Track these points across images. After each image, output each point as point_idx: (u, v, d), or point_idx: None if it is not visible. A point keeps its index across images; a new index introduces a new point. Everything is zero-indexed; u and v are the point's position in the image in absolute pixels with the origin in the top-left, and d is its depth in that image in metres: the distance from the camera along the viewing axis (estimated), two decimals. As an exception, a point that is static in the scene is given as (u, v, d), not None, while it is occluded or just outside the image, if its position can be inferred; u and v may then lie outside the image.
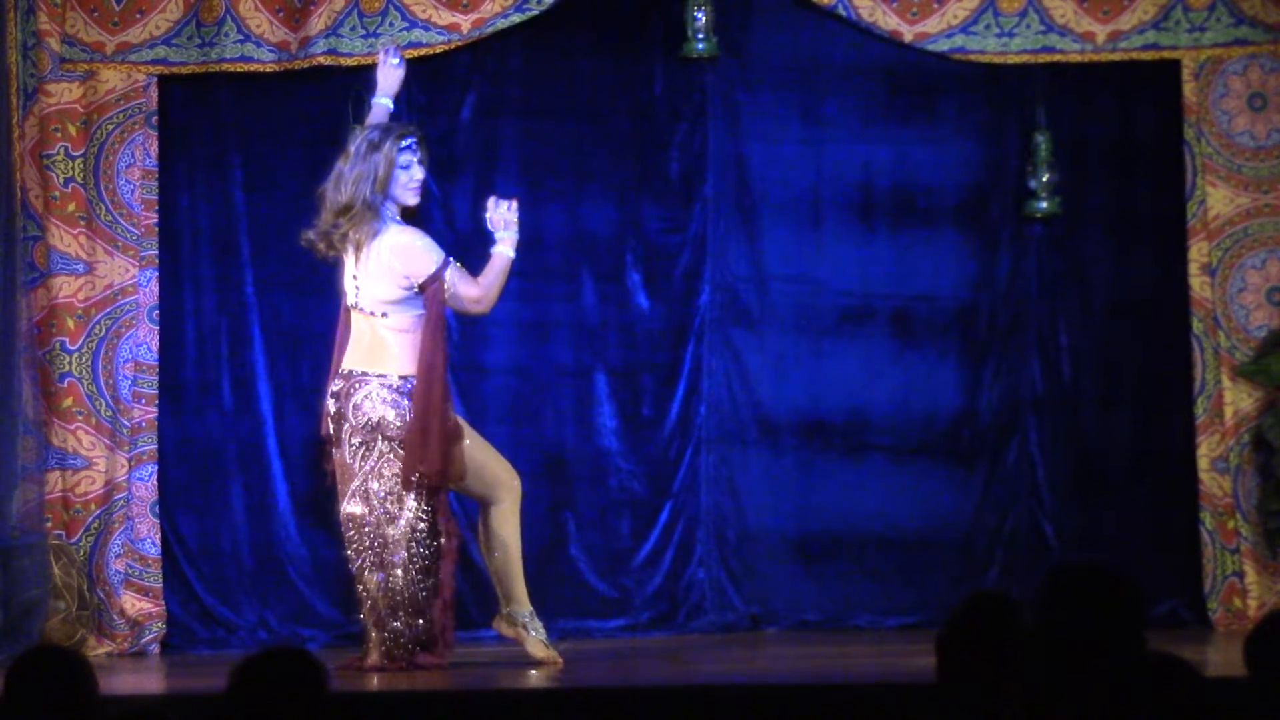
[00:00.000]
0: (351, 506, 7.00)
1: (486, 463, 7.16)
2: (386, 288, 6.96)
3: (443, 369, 6.97)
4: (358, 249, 6.97)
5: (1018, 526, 8.52)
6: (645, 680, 6.89)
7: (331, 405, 7.05)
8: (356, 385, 6.98)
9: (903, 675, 6.43)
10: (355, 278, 7.02)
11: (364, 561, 7.01)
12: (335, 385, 7.04)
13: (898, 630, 8.35)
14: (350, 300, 7.07)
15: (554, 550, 8.29)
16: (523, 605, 7.18)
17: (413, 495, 6.93)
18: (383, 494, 6.94)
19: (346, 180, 6.98)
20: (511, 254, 7.12)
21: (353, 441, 6.98)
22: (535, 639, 7.16)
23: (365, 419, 6.94)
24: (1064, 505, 8.51)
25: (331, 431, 7.06)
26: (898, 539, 8.51)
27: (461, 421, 7.15)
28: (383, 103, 7.31)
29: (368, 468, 6.96)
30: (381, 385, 6.95)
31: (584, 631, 8.24)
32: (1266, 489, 8.21)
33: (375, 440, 6.94)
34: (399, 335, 6.97)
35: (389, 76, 7.33)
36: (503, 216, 7.15)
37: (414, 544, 6.94)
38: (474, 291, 7.03)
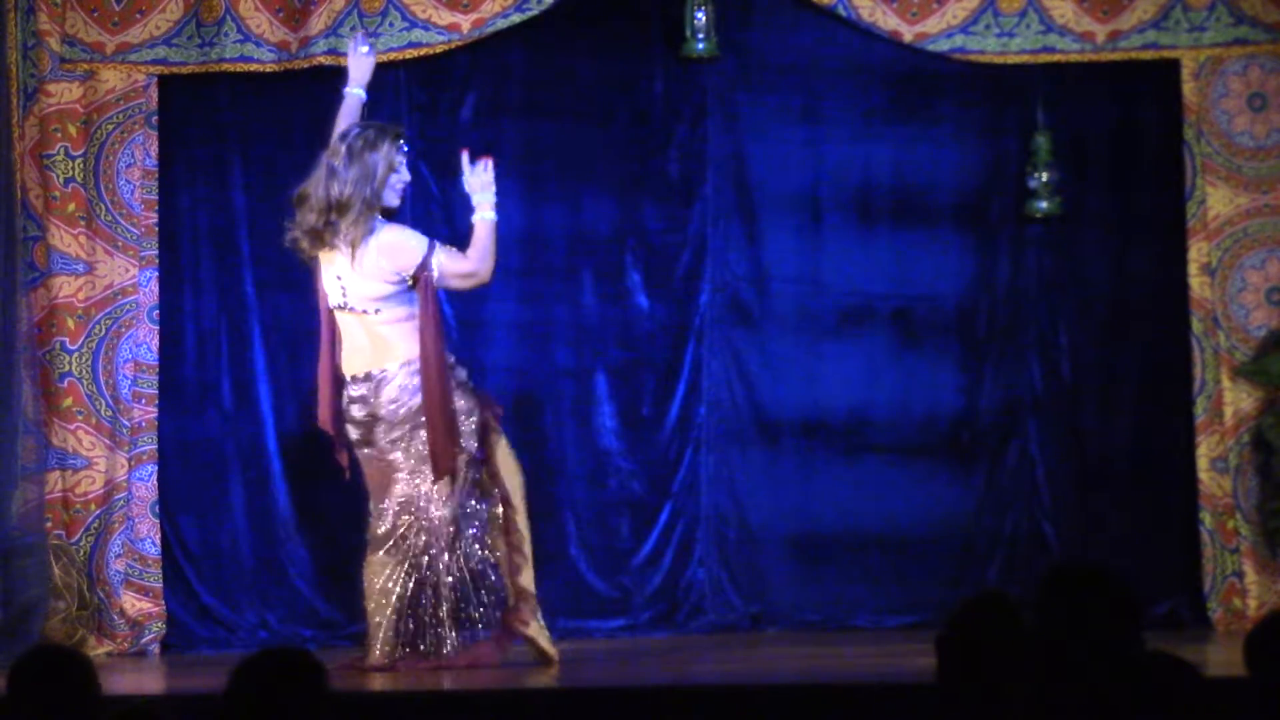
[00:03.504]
0: (404, 488, 6.97)
1: (509, 454, 7.16)
2: (377, 285, 6.96)
3: (443, 360, 6.96)
4: (352, 248, 6.94)
5: (1018, 526, 8.52)
6: (645, 680, 6.89)
7: (356, 410, 7.01)
8: (382, 382, 6.97)
9: (903, 675, 6.43)
10: (340, 278, 7.00)
11: (393, 549, 6.97)
12: (355, 390, 7.01)
13: (898, 630, 8.34)
14: (336, 301, 7.03)
15: (554, 550, 8.28)
16: (534, 600, 7.15)
17: (466, 488, 6.94)
18: (437, 487, 6.94)
19: (343, 178, 6.95)
20: (493, 216, 7.10)
21: (392, 436, 6.97)
22: (546, 636, 7.14)
23: (407, 408, 6.93)
24: (1064, 505, 8.51)
25: (356, 435, 7.03)
26: (898, 539, 8.51)
27: (493, 403, 7.18)
28: (355, 93, 7.29)
29: (414, 451, 6.94)
30: (409, 373, 6.95)
31: (584, 631, 8.24)
32: (1266, 489, 8.21)
33: (417, 425, 6.93)
34: (395, 327, 6.97)
35: (360, 65, 7.32)
36: (480, 179, 7.12)
37: (463, 518, 6.95)
38: (465, 266, 7.02)
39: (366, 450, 7.05)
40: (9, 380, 7.79)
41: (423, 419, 6.93)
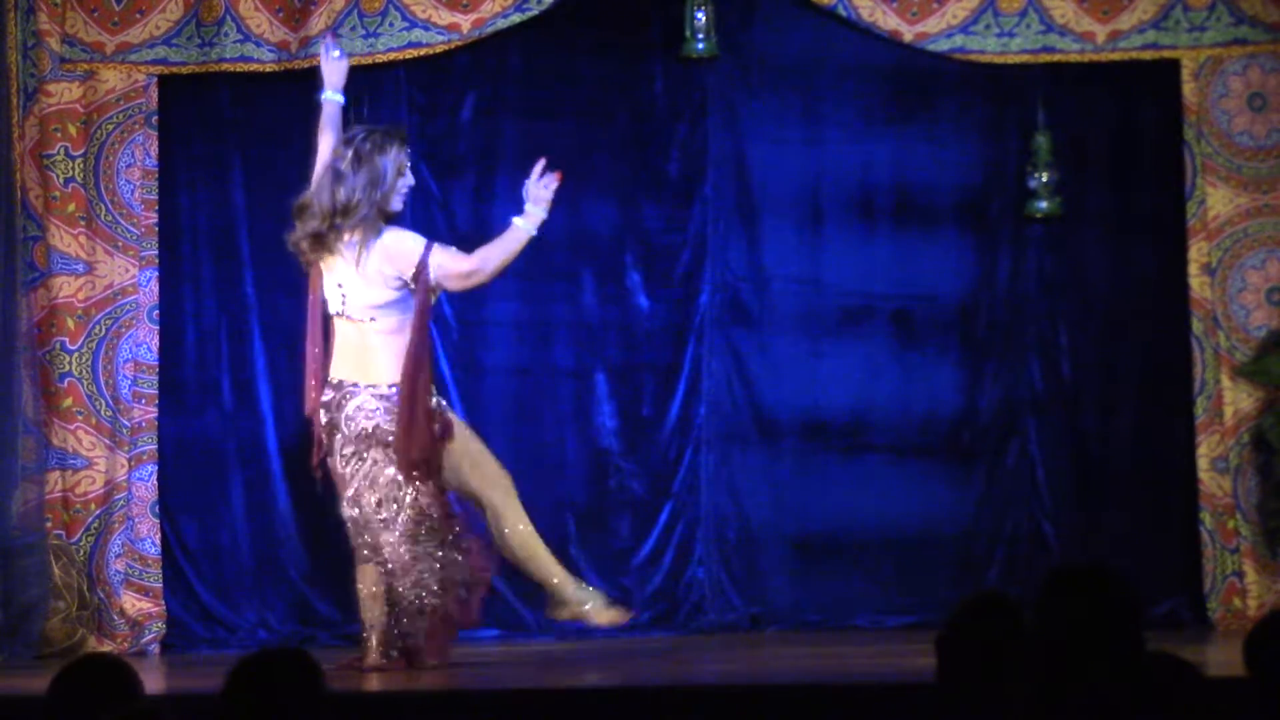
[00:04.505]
0: (350, 510, 6.97)
1: (484, 460, 7.13)
2: (379, 291, 6.90)
3: (428, 362, 6.93)
4: (357, 252, 6.90)
5: (1018, 526, 8.52)
6: (645, 680, 6.88)
7: (323, 415, 6.99)
8: (348, 395, 6.93)
9: (903, 675, 6.43)
10: (340, 285, 6.95)
11: (366, 562, 7.00)
12: (326, 395, 6.98)
13: (898, 630, 8.35)
14: (335, 308, 6.98)
15: (554, 550, 8.25)
16: (566, 583, 7.12)
17: (410, 497, 6.90)
18: (376, 501, 6.90)
19: (351, 184, 6.88)
20: (529, 230, 6.97)
21: (345, 451, 6.93)
22: (596, 605, 7.10)
23: (359, 429, 6.89)
24: (1064, 505, 8.51)
25: (324, 439, 7.02)
26: (898, 539, 8.51)
27: (455, 419, 7.12)
28: (333, 98, 7.21)
29: (360, 475, 6.92)
30: (372, 395, 6.89)
31: (584, 631, 8.22)
32: (1266, 489, 8.20)
33: (368, 449, 6.89)
34: (387, 339, 6.91)
35: (333, 70, 7.23)
36: (538, 190, 7.02)
37: (415, 545, 6.92)
38: (465, 265, 6.94)
39: (328, 457, 7.04)
40: (9, 380, 7.80)
41: (372, 446, 6.90)
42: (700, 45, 8.15)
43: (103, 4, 8.08)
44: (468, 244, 7.17)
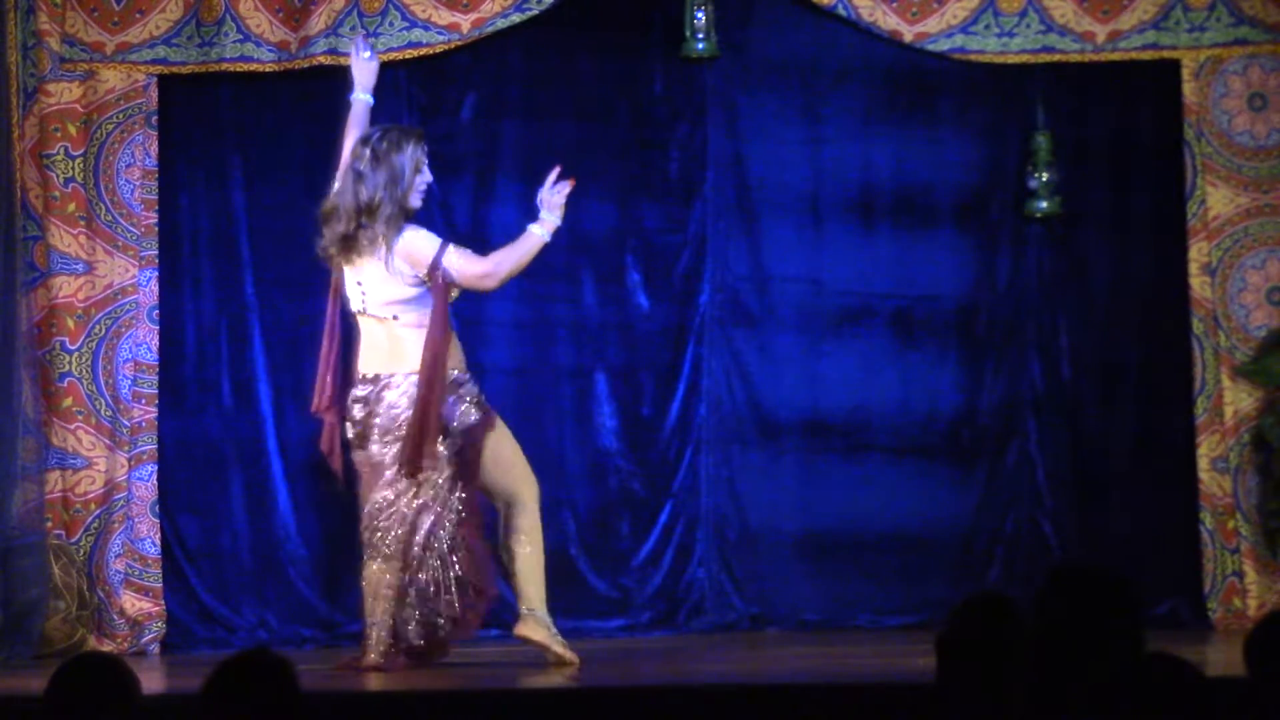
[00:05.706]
0: (383, 493, 6.96)
1: (516, 460, 7.15)
2: (399, 289, 6.94)
3: (444, 365, 6.94)
4: (384, 250, 6.91)
5: (1018, 526, 8.53)
6: (645, 680, 6.88)
7: (357, 410, 7.00)
8: (386, 386, 6.96)
9: (903, 675, 6.43)
10: (361, 284, 6.99)
11: (380, 551, 6.97)
12: (360, 390, 7.01)
13: (898, 630, 8.35)
14: (356, 306, 7.03)
15: (554, 550, 8.25)
16: (543, 606, 7.14)
17: (445, 487, 6.91)
18: (414, 486, 6.92)
19: (372, 182, 6.91)
20: (543, 236, 7.00)
21: (385, 438, 6.96)
22: (560, 645, 7.11)
23: (403, 415, 6.92)
24: (1064, 505, 8.51)
25: (353, 434, 7.03)
26: (898, 539, 8.51)
27: (495, 415, 7.12)
28: (363, 98, 7.26)
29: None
30: (413, 383, 6.92)
31: (584, 631, 8.23)
32: (1266, 489, 8.21)
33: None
34: (416, 332, 6.95)
35: (364, 70, 7.28)
36: (553, 197, 7.05)
37: (440, 537, 6.92)
38: (479, 268, 6.99)
39: (360, 453, 7.05)
40: (9, 380, 7.79)
41: None
42: (700, 45, 8.16)
43: (103, 4, 8.08)
44: (467, 244, 7.17)
